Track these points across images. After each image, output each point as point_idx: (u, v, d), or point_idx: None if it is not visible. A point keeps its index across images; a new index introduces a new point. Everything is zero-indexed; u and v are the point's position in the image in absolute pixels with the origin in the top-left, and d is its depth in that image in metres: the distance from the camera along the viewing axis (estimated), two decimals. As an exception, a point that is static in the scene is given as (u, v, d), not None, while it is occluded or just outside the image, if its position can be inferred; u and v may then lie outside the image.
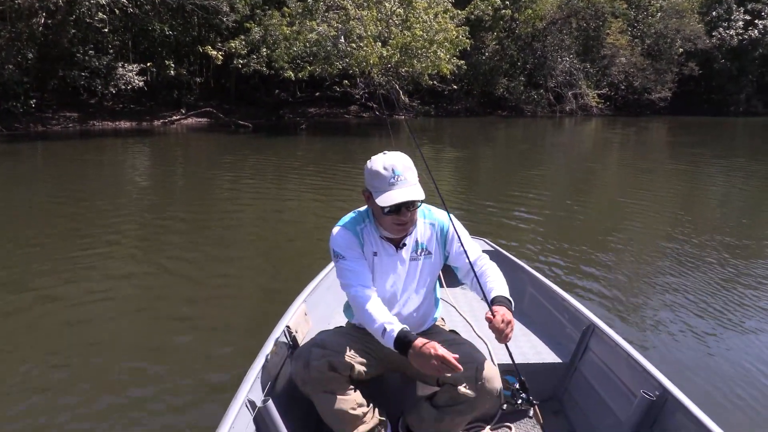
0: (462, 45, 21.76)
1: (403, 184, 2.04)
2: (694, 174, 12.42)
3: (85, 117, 20.84)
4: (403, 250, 2.22)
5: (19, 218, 7.49)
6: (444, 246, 2.27)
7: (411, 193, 2.03)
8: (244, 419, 1.99)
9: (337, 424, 2.17)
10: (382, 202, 2.02)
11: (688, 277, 5.31)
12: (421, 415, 2.24)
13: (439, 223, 2.26)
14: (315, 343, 2.20)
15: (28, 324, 4.21)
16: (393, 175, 2.03)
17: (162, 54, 22.27)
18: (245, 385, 2.08)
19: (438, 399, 2.20)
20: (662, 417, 2.10)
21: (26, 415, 3.07)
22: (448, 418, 2.17)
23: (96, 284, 5.05)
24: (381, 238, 2.21)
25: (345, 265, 2.17)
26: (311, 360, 2.11)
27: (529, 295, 3.31)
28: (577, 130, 25.57)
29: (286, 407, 2.24)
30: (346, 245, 2.18)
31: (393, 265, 2.23)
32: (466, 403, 2.13)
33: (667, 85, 35.05)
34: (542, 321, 3.08)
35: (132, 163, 13.16)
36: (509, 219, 7.69)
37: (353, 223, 2.23)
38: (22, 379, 3.41)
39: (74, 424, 3.00)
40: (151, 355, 3.77)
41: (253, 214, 7.97)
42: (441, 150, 16.79)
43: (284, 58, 19.42)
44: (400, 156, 2.11)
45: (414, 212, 2.11)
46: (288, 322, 2.56)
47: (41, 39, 18.50)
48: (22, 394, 3.25)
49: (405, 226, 2.12)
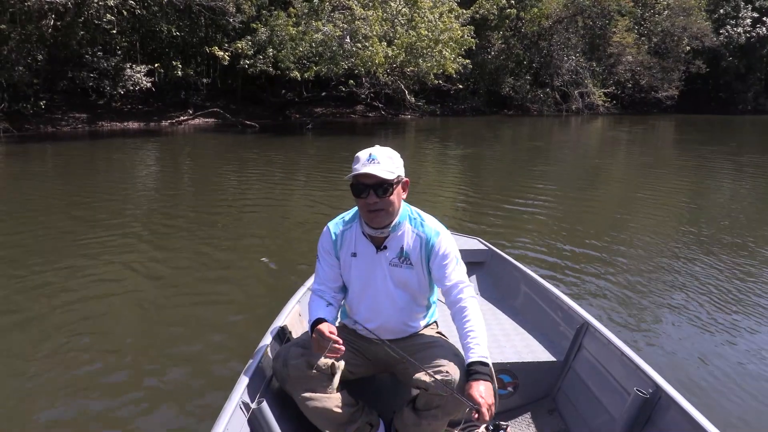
0: (467, 44, 21.79)
1: (373, 165, 2.05)
2: (700, 171, 12.40)
3: (94, 118, 21.03)
4: (384, 252, 2.22)
5: (31, 212, 7.62)
6: (427, 261, 2.22)
7: (373, 168, 2.03)
8: (239, 421, 1.99)
9: (323, 423, 2.18)
10: (348, 176, 2.08)
11: (691, 274, 5.35)
12: (403, 419, 2.25)
13: (427, 236, 2.21)
14: (296, 343, 2.24)
15: (34, 311, 4.34)
16: (369, 158, 2.06)
17: (169, 55, 22.43)
18: (239, 387, 2.08)
19: (417, 402, 2.20)
20: (656, 414, 2.11)
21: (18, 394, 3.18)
22: (425, 422, 2.17)
23: (100, 274, 5.19)
24: (364, 236, 2.22)
25: (318, 266, 2.33)
26: (289, 359, 2.15)
27: (522, 294, 3.31)
28: (583, 128, 25.55)
29: (280, 408, 2.26)
30: (323, 248, 2.30)
31: (371, 267, 2.24)
32: (438, 408, 2.11)
33: (674, 83, 34.99)
34: (536, 320, 3.09)
35: (141, 162, 13.29)
36: (513, 216, 7.76)
37: (341, 223, 2.30)
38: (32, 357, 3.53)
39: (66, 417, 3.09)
40: (156, 347, 3.87)
41: (259, 212, 8.06)
42: (447, 148, 16.86)
43: (290, 59, 19.51)
44: (386, 149, 2.14)
45: (384, 200, 2.08)
46: (282, 323, 2.57)
47: (51, 41, 18.66)
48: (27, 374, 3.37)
49: (376, 213, 2.10)
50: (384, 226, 2.16)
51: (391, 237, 2.20)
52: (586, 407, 2.52)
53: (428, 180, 10.90)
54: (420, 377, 2.07)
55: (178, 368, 3.60)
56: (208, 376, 3.47)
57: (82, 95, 21.62)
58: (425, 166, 13.01)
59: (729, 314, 4.40)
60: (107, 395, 3.24)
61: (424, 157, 14.78)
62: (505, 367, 2.67)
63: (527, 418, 2.67)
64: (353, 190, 2.10)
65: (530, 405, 2.73)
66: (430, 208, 2.84)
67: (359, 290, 2.28)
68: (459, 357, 2.17)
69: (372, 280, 2.24)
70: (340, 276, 2.30)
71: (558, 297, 2.95)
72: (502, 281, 3.58)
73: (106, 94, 20.88)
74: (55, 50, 19.29)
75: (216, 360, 3.67)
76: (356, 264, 2.25)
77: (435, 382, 2.04)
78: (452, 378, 2.04)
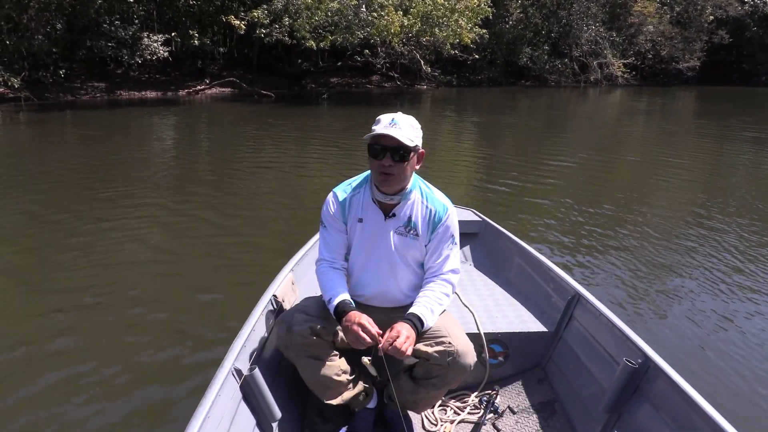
0: (483, 13, 21.54)
1: (394, 128, 2.02)
2: (720, 144, 12.25)
3: (113, 87, 21.25)
4: (392, 220, 2.19)
5: (51, 178, 7.86)
6: (431, 233, 2.21)
7: (395, 132, 2.00)
8: (231, 387, 1.99)
9: (321, 390, 2.20)
10: (366, 136, 2.05)
11: (696, 251, 5.45)
12: (400, 386, 2.24)
13: (435, 210, 2.20)
14: (298, 309, 2.20)
15: (57, 271, 4.60)
16: (391, 122, 2.03)
17: (186, 24, 22.46)
18: (231, 354, 2.06)
19: (415, 371, 2.20)
20: (644, 384, 2.14)
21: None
22: (423, 390, 2.19)
23: (121, 231, 5.45)
24: (374, 201, 2.19)
25: (323, 234, 2.28)
26: (294, 325, 2.12)
27: (515, 265, 3.32)
28: (601, 99, 25.27)
29: (272, 375, 2.27)
30: (330, 214, 2.23)
31: (377, 234, 2.20)
32: (438, 377, 2.12)
33: (696, 54, 34.30)
34: (528, 290, 3.09)
35: (158, 130, 13.50)
36: (523, 189, 7.85)
37: (348, 188, 2.25)
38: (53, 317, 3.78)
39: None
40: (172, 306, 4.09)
41: (274, 178, 8.25)
42: (461, 118, 16.85)
43: (306, 28, 19.48)
44: (409, 117, 2.09)
45: (399, 165, 2.05)
46: (275, 291, 2.55)
47: (69, 9, 18.82)
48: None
49: (387, 177, 2.07)
50: (395, 192, 2.14)
51: (400, 205, 2.18)
52: (575, 377, 2.55)
53: (438, 150, 10.98)
54: (421, 347, 2.08)
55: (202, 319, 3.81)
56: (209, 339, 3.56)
57: (100, 64, 21.82)
58: (438, 135, 13.04)
59: (729, 294, 4.43)
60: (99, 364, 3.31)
61: (438, 126, 14.80)
62: (496, 336, 2.69)
63: (518, 387, 2.70)
64: (370, 151, 2.07)
65: (521, 374, 2.76)
66: (434, 178, 2.88)
67: (362, 256, 2.25)
68: (459, 328, 2.20)
69: (376, 248, 2.22)
70: (347, 242, 2.27)
71: (550, 268, 2.95)
72: (495, 252, 3.60)
73: (124, 63, 21.04)
74: (74, 19, 19.46)
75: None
76: (362, 229, 2.21)
77: (437, 352, 2.06)
78: (454, 349, 2.07)
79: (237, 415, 2.00)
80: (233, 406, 1.99)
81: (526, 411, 2.57)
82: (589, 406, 2.39)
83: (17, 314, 3.87)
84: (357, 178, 2.28)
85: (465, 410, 2.54)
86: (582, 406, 2.44)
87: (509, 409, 2.56)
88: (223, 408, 1.90)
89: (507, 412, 2.55)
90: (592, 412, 2.33)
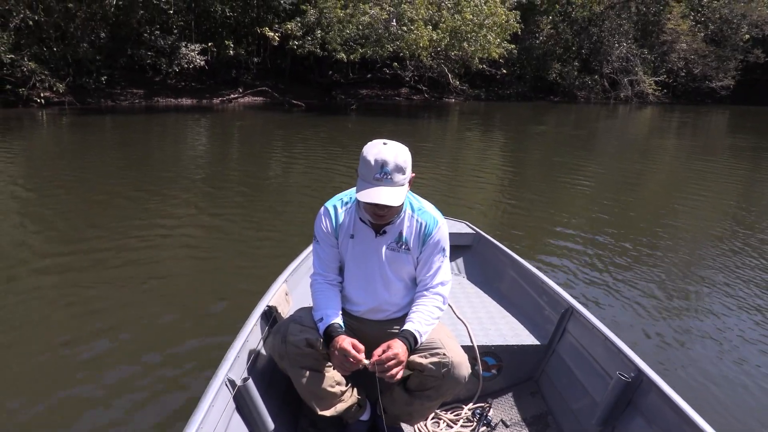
0: (512, 29, 21.76)
1: (387, 184, 1.94)
2: (749, 171, 12.08)
3: (150, 94, 22.04)
4: (383, 237, 2.18)
5: (91, 179, 8.37)
6: (421, 247, 2.18)
7: (388, 198, 1.91)
8: (224, 398, 1.99)
9: (314, 401, 2.18)
10: (360, 196, 1.94)
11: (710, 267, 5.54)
12: (394, 398, 2.25)
13: (426, 223, 2.17)
14: (293, 319, 2.20)
15: (89, 267, 5.01)
16: (380, 171, 1.92)
17: (222, 35, 23.22)
18: (225, 364, 2.06)
19: (410, 383, 2.20)
20: (637, 397, 2.14)
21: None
22: (417, 402, 2.19)
23: (155, 228, 5.82)
24: (361, 221, 2.18)
25: (316, 249, 2.26)
26: (288, 335, 2.11)
27: (509, 278, 3.31)
28: (631, 117, 25.11)
29: (265, 386, 2.27)
30: (323, 229, 2.21)
31: (368, 251, 2.19)
32: (433, 389, 2.13)
33: (730, 72, 33.75)
34: (522, 303, 3.09)
35: (193, 136, 14.02)
36: (541, 204, 8.01)
37: (340, 203, 2.22)
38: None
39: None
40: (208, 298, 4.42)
41: (301, 184, 8.61)
42: (488, 131, 17.03)
43: (337, 40, 19.99)
44: (397, 151, 1.97)
45: (394, 209, 2.05)
46: (269, 302, 2.55)
47: (112, 19, 19.71)
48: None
49: (381, 218, 2.07)
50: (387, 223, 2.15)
51: (391, 222, 2.17)
52: (568, 390, 2.55)
53: (459, 162, 11.19)
54: (415, 359, 2.08)
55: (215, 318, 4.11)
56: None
57: (139, 72, 22.65)
58: (462, 146, 13.24)
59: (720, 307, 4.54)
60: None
61: (462, 136, 15.01)
62: (489, 349, 2.70)
63: (510, 400, 2.71)
64: (359, 200, 1.98)
65: (514, 387, 2.77)
66: (455, 188, 2.98)
67: (354, 272, 2.23)
68: (453, 340, 2.20)
69: (368, 263, 2.20)
70: (339, 256, 2.26)
71: (544, 282, 2.95)
72: (488, 265, 3.60)
73: (162, 71, 21.83)
74: (117, 28, 20.35)
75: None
76: (353, 246, 2.20)
77: (432, 364, 2.07)
78: (449, 360, 2.07)
79: (230, 426, 2.01)
80: (226, 417, 1.99)
81: (518, 424, 2.57)
82: (581, 420, 2.39)
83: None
84: (347, 193, 2.26)
85: (458, 423, 2.53)
86: (575, 420, 2.44)
87: (502, 423, 2.57)
88: (216, 419, 1.90)
89: (500, 425, 2.56)
90: (585, 425, 2.34)
